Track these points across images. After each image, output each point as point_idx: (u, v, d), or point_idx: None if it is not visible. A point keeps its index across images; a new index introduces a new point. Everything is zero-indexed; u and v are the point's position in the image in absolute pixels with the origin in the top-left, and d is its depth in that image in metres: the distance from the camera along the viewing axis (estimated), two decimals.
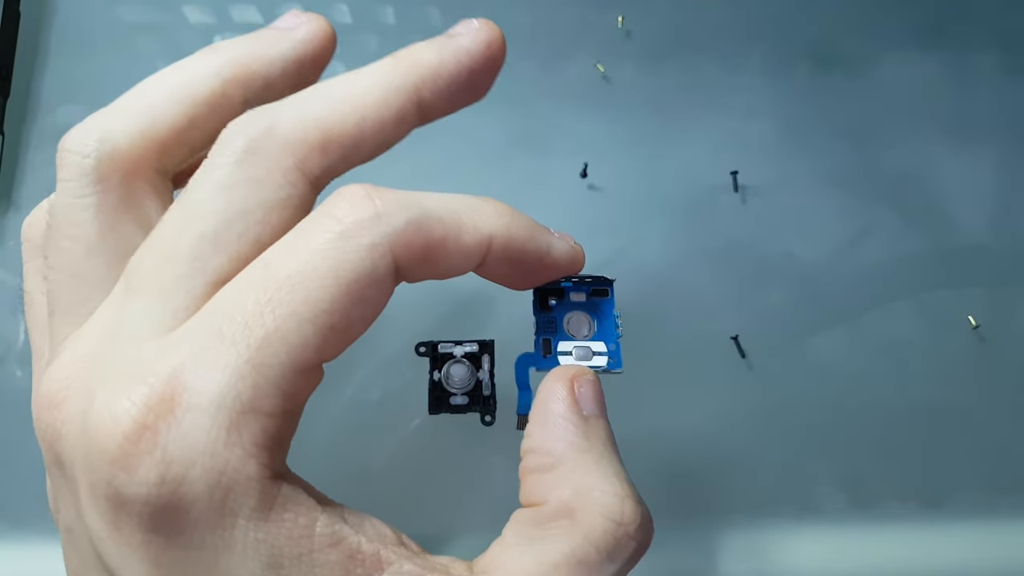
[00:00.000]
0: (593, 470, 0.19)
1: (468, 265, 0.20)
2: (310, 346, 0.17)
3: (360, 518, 0.19)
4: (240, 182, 0.18)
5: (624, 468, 0.20)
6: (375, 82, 0.20)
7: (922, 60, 0.39)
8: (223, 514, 0.16)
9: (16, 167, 0.37)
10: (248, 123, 0.19)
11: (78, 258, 0.20)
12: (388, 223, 0.18)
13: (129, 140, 0.20)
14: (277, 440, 0.17)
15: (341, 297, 0.17)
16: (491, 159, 0.37)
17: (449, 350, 0.28)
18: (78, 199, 0.20)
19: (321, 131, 0.19)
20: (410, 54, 0.21)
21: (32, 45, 0.39)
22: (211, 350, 0.17)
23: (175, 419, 0.16)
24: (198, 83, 0.21)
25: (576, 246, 0.22)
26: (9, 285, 0.35)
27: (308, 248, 0.18)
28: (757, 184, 0.37)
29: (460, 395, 0.27)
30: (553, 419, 0.20)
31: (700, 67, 0.39)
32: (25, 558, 0.31)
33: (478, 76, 0.21)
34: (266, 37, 0.22)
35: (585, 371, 0.21)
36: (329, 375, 0.34)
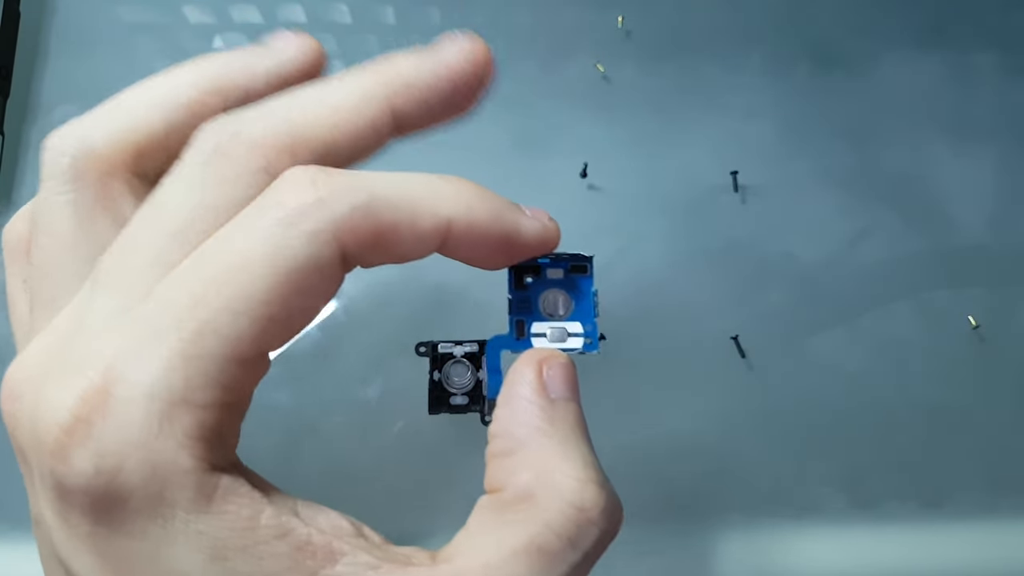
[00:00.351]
0: (556, 454, 0.19)
1: (426, 248, 0.19)
2: (246, 338, 0.17)
3: (314, 511, 0.18)
4: (207, 182, 0.19)
5: (592, 453, 0.19)
6: (350, 89, 0.20)
7: (922, 60, 0.39)
8: (161, 506, 0.16)
9: (16, 167, 0.37)
10: (218, 126, 0.19)
11: (55, 254, 0.20)
12: (331, 209, 0.18)
13: (105, 141, 0.21)
14: (215, 432, 0.17)
15: (279, 287, 0.17)
16: (491, 159, 0.37)
17: (449, 350, 0.28)
18: (56, 196, 0.20)
19: (291, 135, 0.19)
20: (387, 63, 0.21)
21: (32, 45, 0.39)
22: (146, 342, 0.17)
23: (108, 411, 0.16)
24: (178, 91, 0.21)
25: (550, 223, 0.21)
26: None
27: (246, 236, 0.17)
28: (757, 184, 0.37)
29: (460, 395, 0.27)
30: (517, 402, 0.20)
31: (700, 67, 0.39)
32: (25, 558, 0.31)
33: (458, 91, 0.21)
34: (252, 52, 0.22)
35: (556, 354, 0.21)
36: (329, 375, 0.34)
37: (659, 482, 0.33)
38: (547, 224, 0.21)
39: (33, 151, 0.37)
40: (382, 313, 0.33)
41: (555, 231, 0.21)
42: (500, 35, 0.40)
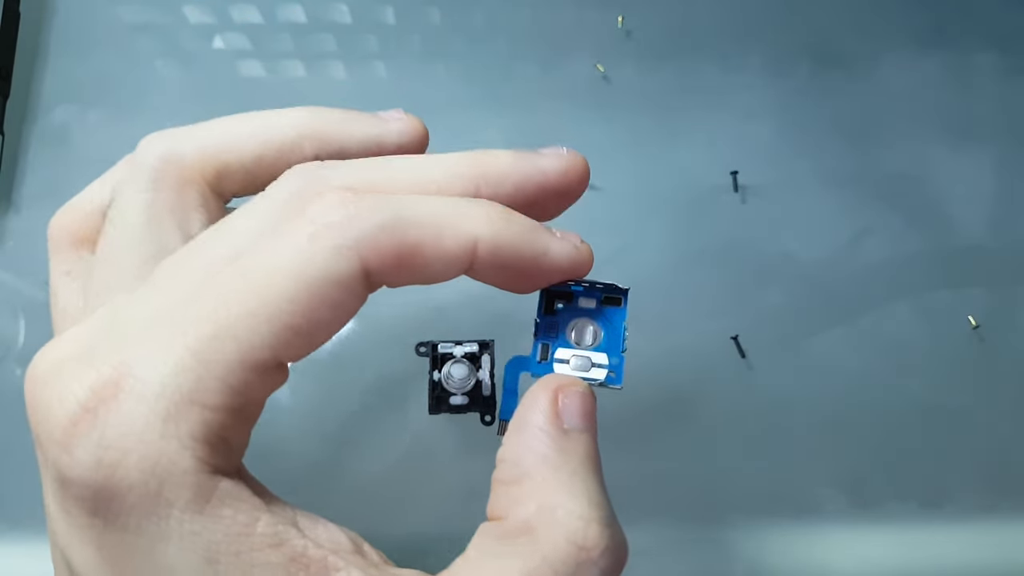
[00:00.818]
0: (562, 487, 0.18)
1: (453, 270, 0.19)
2: (262, 344, 0.17)
3: (314, 523, 0.18)
4: (279, 220, 0.19)
5: (601, 489, 0.19)
6: (439, 164, 0.21)
7: (922, 60, 0.39)
8: (158, 504, 0.17)
9: (16, 167, 0.37)
10: (306, 170, 0.20)
11: (120, 247, 0.21)
12: (357, 226, 0.18)
13: (194, 152, 0.22)
14: (220, 435, 0.17)
15: (301, 298, 0.17)
16: None
17: (449, 350, 0.28)
18: (135, 192, 0.21)
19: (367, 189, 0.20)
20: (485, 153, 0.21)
21: (32, 45, 0.39)
22: (164, 341, 0.17)
23: (116, 404, 0.17)
24: (277, 128, 0.22)
25: (581, 246, 0.21)
26: (9, 285, 0.35)
27: (274, 248, 0.18)
28: (757, 184, 0.37)
29: (460, 395, 0.27)
30: (529, 429, 0.19)
31: (700, 67, 0.39)
32: (25, 557, 0.31)
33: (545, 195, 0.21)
34: (359, 116, 0.23)
35: (575, 382, 0.20)
36: (329, 374, 0.34)
37: (659, 482, 0.33)
38: (578, 246, 0.21)
39: (33, 151, 0.37)
40: (382, 313, 0.33)
41: (586, 254, 0.21)
42: (500, 35, 0.40)
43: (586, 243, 0.21)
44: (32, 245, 0.36)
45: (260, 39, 0.39)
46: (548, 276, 0.20)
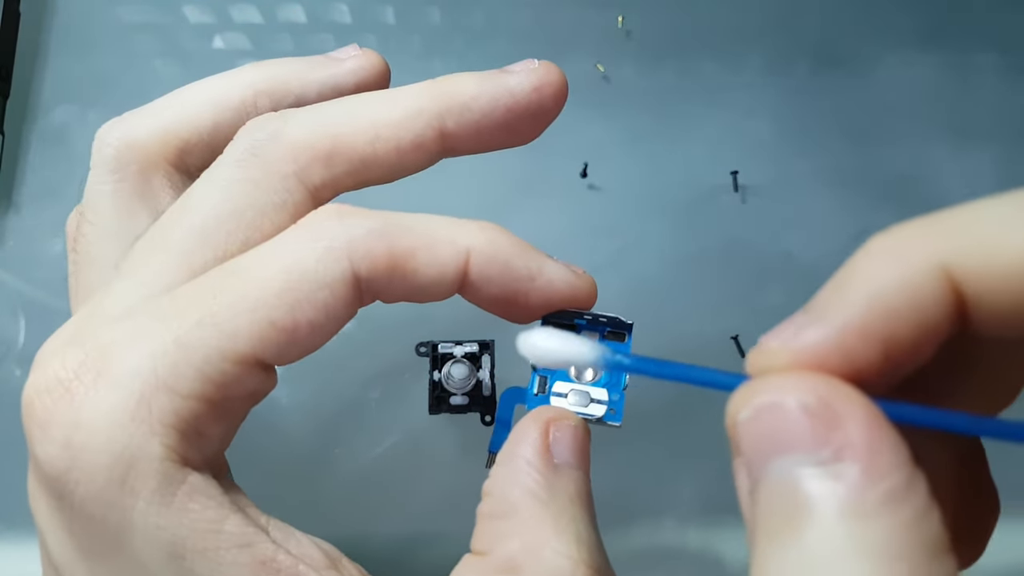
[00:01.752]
0: (549, 526, 0.17)
1: (445, 281, 0.19)
2: (242, 336, 0.17)
3: (288, 534, 0.18)
4: (236, 181, 0.19)
5: (592, 529, 0.17)
6: (398, 103, 0.20)
7: (922, 60, 0.39)
8: (123, 492, 0.16)
9: (16, 167, 0.37)
10: (256, 124, 0.19)
11: (95, 241, 0.21)
12: (347, 229, 0.18)
13: (149, 135, 0.21)
14: (192, 425, 0.17)
15: (286, 294, 0.17)
16: (491, 159, 0.37)
17: (449, 350, 0.28)
18: (98, 186, 0.21)
19: (329, 141, 0.19)
20: (446, 81, 0.20)
21: (32, 45, 0.39)
22: (147, 327, 0.17)
23: (93, 385, 0.17)
24: (230, 91, 0.22)
25: (581, 275, 0.20)
26: (9, 285, 0.35)
27: (267, 247, 0.18)
28: (757, 184, 0.37)
29: (460, 395, 0.27)
30: (517, 463, 0.18)
31: (700, 67, 0.39)
32: (24, 559, 0.31)
33: (517, 118, 0.20)
34: (311, 61, 0.22)
35: (567, 415, 0.19)
36: (329, 373, 0.34)
37: (658, 483, 0.33)
38: (577, 273, 0.20)
39: (33, 151, 0.37)
40: (382, 312, 0.33)
41: (587, 284, 0.20)
42: (500, 35, 0.40)
43: (589, 275, 0.20)
44: (32, 245, 0.36)
45: (260, 39, 0.39)
46: (544, 300, 0.19)
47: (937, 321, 0.13)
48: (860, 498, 0.12)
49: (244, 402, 0.18)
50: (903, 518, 0.12)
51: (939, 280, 0.13)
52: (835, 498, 0.12)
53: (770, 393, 0.13)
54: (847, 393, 0.13)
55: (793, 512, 0.12)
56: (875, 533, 0.11)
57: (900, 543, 0.11)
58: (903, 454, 0.12)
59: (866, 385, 0.13)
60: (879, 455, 0.12)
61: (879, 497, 0.12)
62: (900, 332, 0.13)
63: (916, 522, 0.12)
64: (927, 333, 0.13)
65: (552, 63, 0.20)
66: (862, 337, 0.13)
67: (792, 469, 0.12)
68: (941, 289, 0.13)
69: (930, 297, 0.13)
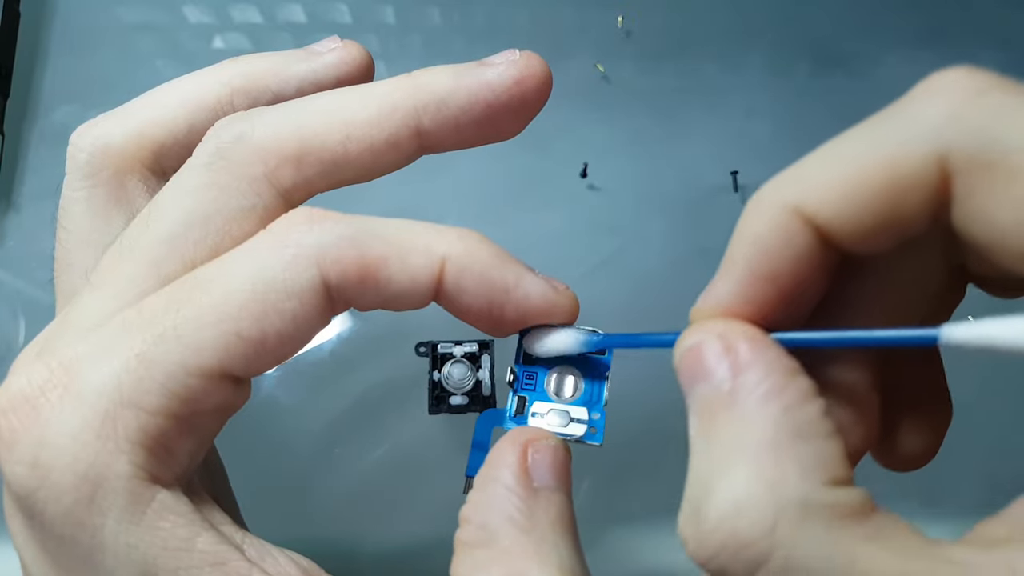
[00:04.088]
0: (530, 553, 0.16)
1: (418, 291, 0.18)
2: (207, 349, 0.17)
3: (264, 551, 0.18)
4: (204, 186, 0.18)
5: (575, 554, 0.17)
6: (373, 99, 0.19)
7: (922, 60, 0.39)
8: (92, 511, 0.16)
9: (16, 167, 0.37)
10: (223, 126, 0.19)
11: (71, 248, 0.20)
12: (316, 236, 0.17)
13: (124, 138, 0.20)
14: (159, 442, 0.17)
15: (252, 305, 0.17)
16: (491, 159, 0.37)
17: (449, 350, 0.28)
18: (72, 192, 0.20)
19: (299, 142, 0.18)
20: (421, 76, 0.19)
21: (32, 45, 0.39)
22: (114, 342, 0.17)
23: (58, 402, 0.16)
24: (205, 90, 0.21)
25: (562, 291, 0.19)
26: (9, 285, 0.35)
27: (233, 255, 0.17)
28: (757, 184, 0.36)
29: (460, 395, 0.27)
30: (494, 487, 0.17)
31: (700, 67, 0.39)
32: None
33: (497, 113, 0.19)
34: (290, 55, 0.21)
35: (544, 435, 0.18)
36: (328, 374, 0.34)
37: (658, 483, 0.33)
38: (557, 288, 0.19)
39: (33, 151, 0.37)
40: (382, 313, 0.33)
41: (566, 299, 0.19)
42: (500, 35, 0.40)
43: (571, 292, 0.19)
44: (32, 245, 0.36)
45: (260, 39, 0.39)
46: (519, 314, 0.18)
47: (804, 251, 0.16)
48: (745, 399, 0.15)
49: (214, 416, 0.18)
50: (774, 409, 0.15)
51: (794, 217, 0.16)
52: (728, 404, 0.15)
53: (688, 339, 0.16)
54: (739, 328, 0.16)
55: (704, 424, 0.15)
56: (756, 425, 0.15)
57: (774, 429, 0.14)
58: (782, 363, 0.15)
59: (773, 322, 0.16)
60: (758, 365, 0.15)
61: (758, 397, 0.15)
62: (780, 268, 0.16)
63: (786, 412, 0.15)
64: (803, 264, 0.16)
65: (534, 53, 0.19)
66: (751, 281, 0.16)
67: (703, 391, 0.16)
68: (798, 225, 0.16)
69: (791, 233, 0.16)
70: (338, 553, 0.32)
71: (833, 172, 0.16)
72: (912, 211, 0.15)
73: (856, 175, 0.16)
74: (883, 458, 0.20)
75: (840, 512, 0.14)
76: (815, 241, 0.16)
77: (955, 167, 0.15)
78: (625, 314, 0.34)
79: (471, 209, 0.36)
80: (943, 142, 0.15)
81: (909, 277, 0.18)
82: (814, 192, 0.16)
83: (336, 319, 0.34)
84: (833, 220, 0.16)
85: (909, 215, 0.15)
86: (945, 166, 0.15)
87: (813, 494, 0.14)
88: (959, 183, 0.15)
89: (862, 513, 0.14)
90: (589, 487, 0.32)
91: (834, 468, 0.14)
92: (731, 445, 0.15)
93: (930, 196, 0.15)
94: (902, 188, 0.15)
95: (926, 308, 0.18)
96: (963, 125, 0.15)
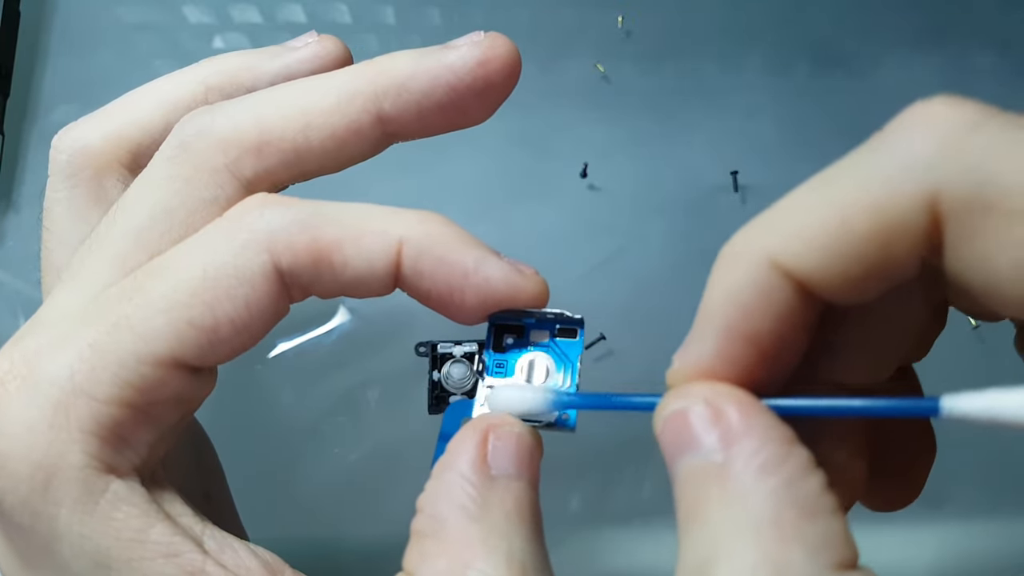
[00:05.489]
0: (477, 544, 0.15)
1: (375, 275, 0.17)
2: (159, 337, 0.16)
3: (225, 544, 0.17)
4: (167, 179, 0.18)
5: (532, 547, 0.16)
6: (332, 87, 0.19)
7: (922, 60, 0.39)
8: (46, 501, 0.16)
9: (16, 167, 0.37)
10: (187, 120, 0.19)
11: (53, 248, 0.21)
12: (267, 220, 0.17)
13: (102, 139, 0.21)
14: (113, 432, 0.17)
15: (203, 291, 0.17)
16: (491, 159, 0.37)
17: (449, 350, 0.27)
18: (53, 193, 0.21)
19: (258, 132, 0.18)
20: (381, 61, 0.19)
21: (32, 45, 0.39)
22: (70, 333, 0.17)
23: (16, 393, 0.16)
24: (180, 89, 0.21)
25: (528, 275, 0.18)
26: (9, 285, 0.35)
27: (186, 243, 0.17)
28: (757, 184, 0.37)
29: (459, 395, 0.27)
30: (448, 475, 0.16)
31: (700, 67, 0.39)
32: None
33: (461, 96, 0.19)
34: (265, 52, 0.22)
35: (509, 421, 0.17)
36: (328, 373, 0.34)
37: (658, 483, 0.33)
38: (523, 272, 0.18)
39: (33, 151, 0.37)
40: (381, 312, 0.33)
41: (531, 283, 0.18)
42: None
43: (538, 275, 0.18)
44: (32, 245, 0.36)
45: (260, 39, 0.39)
46: (479, 299, 0.18)
47: (785, 307, 0.15)
48: (740, 473, 0.13)
49: (172, 407, 0.18)
50: (775, 484, 0.13)
51: (771, 270, 0.15)
52: (722, 478, 0.14)
53: (671, 404, 0.15)
54: (726, 391, 0.15)
55: (694, 500, 0.14)
56: (755, 502, 0.13)
57: (775, 506, 0.13)
58: (778, 432, 0.14)
59: (757, 381, 0.15)
60: (752, 434, 0.14)
61: (755, 469, 0.13)
62: (760, 327, 0.15)
63: (788, 486, 0.13)
64: (784, 320, 0.15)
65: (500, 34, 0.19)
66: (730, 340, 0.15)
67: (690, 462, 0.14)
68: (775, 278, 0.15)
69: (769, 288, 0.15)
70: (328, 548, 0.32)
71: (812, 219, 0.15)
72: (900, 258, 0.14)
73: (838, 221, 0.14)
74: (869, 501, 0.19)
75: None
76: (796, 295, 0.15)
77: (948, 209, 0.14)
78: (625, 314, 0.34)
79: (471, 209, 0.36)
80: (933, 181, 0.14)
81: (893, 319, 0.17)
82: (792, 242, 0.15)
83: (335, 318, 0.34)
84: (815, 272, 0.14)
85: (897, 262, 0.14)
86: (936, 207, 0.14)
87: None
88: (952, 226, 0.14)
89: None
90: (585, 487, 0.32)
91: (841, 549, 0.13)
92: (729, 525, 0.13)
93: (920, 241, 0.14)
94: (890, 234, 0.14)
95: (910, 344, 0.18)
96: (955, 163, 0.13)
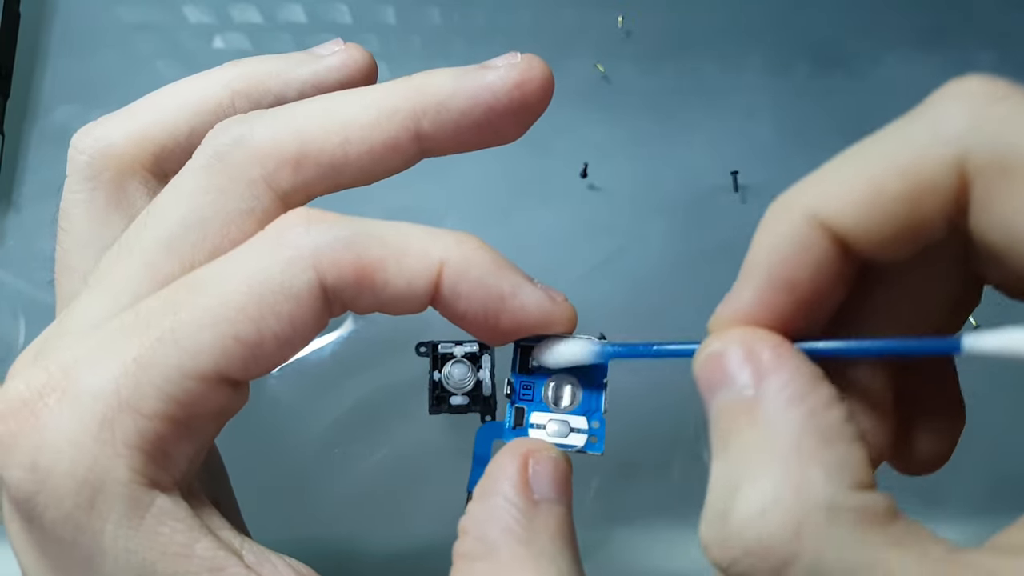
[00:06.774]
0: (529, 567, 0.16)
1: (415, 294, 0.18)
2: (205, 352, 0.16)
3: (264, 557, 0.18)
4: (202, 189, 0.18)
5: (575, 566, 0.17)
6: (372, 103, 0.19)
7: (922, 60, 0.39)
8: (92, 516, 0.16)
9: (16, 167, 0.37)
10: (222, 129, 0.19)
11: (70, 250, 0.20)
12: (313, 238, 0.17)
13: (125, 140, 0.20)
14: (157, 446, 0.17)
15: (249, 308, 0.17)
16: (491, 159, 0.37)
17: (449, 350, 0.28)
18: (72, 194, 0.20)
19: (297, 145, 0.18)
20: (420, 78, 0.19)
21: (32, 45, 0.39)
22: (111, 346, 0.17)
23: (56, 406, 0.16)
24: (207, 93, 0.21)
25: (559, 303, 0.19)
26: (9, 285, 0.35)
27: (230, 257, 0.17)
28: (757, 184, 0.37)
29: (460, 395, 0.27)
30: (494, 499, 0.17)
31: (700, 67, 0.39)
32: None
33: (499, 117, 0.19)
34: (292, 58, 0.21)
35: (545, 446, 0.18)
36: (329, 374, 0.34)
37: (658, 483, 0.33)
38: (555, 297, 0.18)
39: (33, 151, 0.37)
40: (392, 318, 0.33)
41: (563, 311, 0.19)
42: (500, 35, 0.40)
43: (569, 304, 0.19)
44: (32, 245, 0.36)
45: (260, 39, 0.39)
46: (514, 324, 0.18)
47: (824, 259, 0.16)
48: (768, 405, 0.15)
49: (211, 420, 0.18)
50: (799, 414, 0.15)
51: (811, 225, 0.16)
52: (751, 410, 0.15)
53: (709, 347, 0.17)
54: (761, 335, 0.16)
55: (726, 431, 0.15)
56: (780, 430, 0.15)
57: (798, 434, 0.14)
58: (806, 369, 0.15)
59: (793, 329, 0.16)
60: (781, 371, 0.15)
61: (783, 402, 0.15)
62: (799, 276, 0.16)
63: (811, 416, 0.15)
64: (822, 272, 0.16)
65: (536, 56, 0.19)
66: (770, 289, 0.16)
67: (724, 397, 0.16)
68: (817, 233, 0.16)
69: (810, 241, 0.16)
70: (338, 554, 0.32)
71: (852, 180, 0.16)
72: (931, 217, 0.15)
73: (875, 182, 0.15)
74: (898, 463, 0.20)
75: (866, 516, 0.14)
76: (834, 249, 0.16)
77: (973, 172, 0.15)
78: (625, 314, 0.34)
79: (471, 209, 0.36)
80: (961, 146, 0.15)
81: (926, 284, 0.17)
82: (833, 200, 0.16)
83: (345, 323, 0.34)
84: (852, 228, 0.16)
85: (928, 221, 0.15)
86: (964, 171, 0.15)
87: (839, 498, 0.14)
88: (977, 188, 0.15)
89: (887, 518, 0.14)
90: (596, 489, 0.32)
91: (859, 472, 0.14)
92: (755, 450, 0.15)
93: (949, 202, 0.15)
94: (921, 194, 0.15)
95: (942, 313, 0.18)
96: (982, 130, 0.15)
